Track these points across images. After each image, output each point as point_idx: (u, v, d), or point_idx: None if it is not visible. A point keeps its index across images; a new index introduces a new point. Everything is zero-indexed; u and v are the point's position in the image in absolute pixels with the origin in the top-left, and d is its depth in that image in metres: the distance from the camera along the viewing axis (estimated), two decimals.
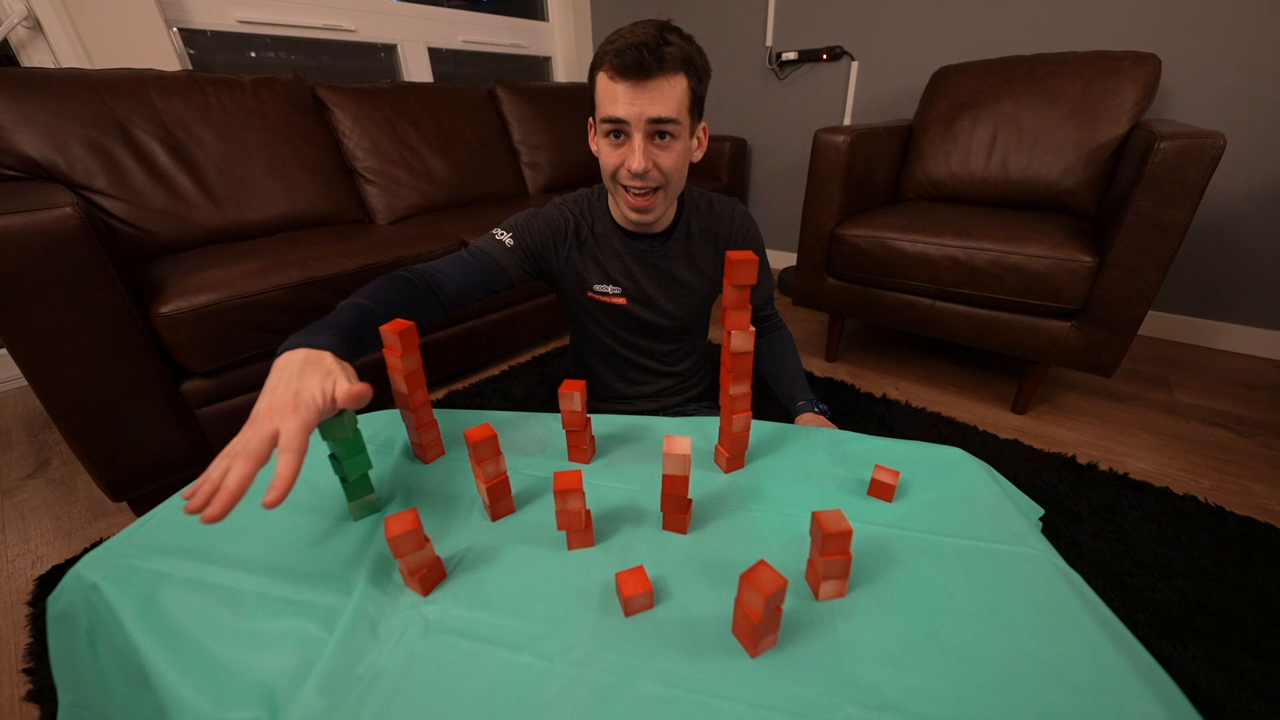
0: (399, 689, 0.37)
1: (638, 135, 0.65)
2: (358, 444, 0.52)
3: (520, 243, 0.80)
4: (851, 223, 1.47)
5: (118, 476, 1.00)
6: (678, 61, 0.63)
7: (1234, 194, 1.58)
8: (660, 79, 0.63)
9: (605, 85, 0.65)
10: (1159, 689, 0.36)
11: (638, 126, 0.65)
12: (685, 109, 0.66)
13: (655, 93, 0.63)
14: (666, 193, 0.72)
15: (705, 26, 2.50)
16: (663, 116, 0.64)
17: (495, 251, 0.79)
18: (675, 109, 0.65)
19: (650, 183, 0.69)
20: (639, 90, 0.63)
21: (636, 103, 0.64)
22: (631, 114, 0.64)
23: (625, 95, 0.64)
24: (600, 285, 0.85)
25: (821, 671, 0.38)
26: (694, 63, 0.65)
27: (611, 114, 0.66)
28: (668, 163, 0.68)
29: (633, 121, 0.65)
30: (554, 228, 0.82)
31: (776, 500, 0.55)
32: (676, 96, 0.64)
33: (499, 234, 0.80)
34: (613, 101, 0.65)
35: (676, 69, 0.64)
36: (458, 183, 1.92)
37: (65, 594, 0.49)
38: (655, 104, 0.64)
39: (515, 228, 0.81)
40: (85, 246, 0.88)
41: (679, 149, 0.69)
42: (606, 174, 0.73)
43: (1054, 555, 0.48)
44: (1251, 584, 0.87)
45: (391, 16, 2.20)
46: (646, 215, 0.73)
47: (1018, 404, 1.39)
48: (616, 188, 0.72)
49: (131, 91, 1.33)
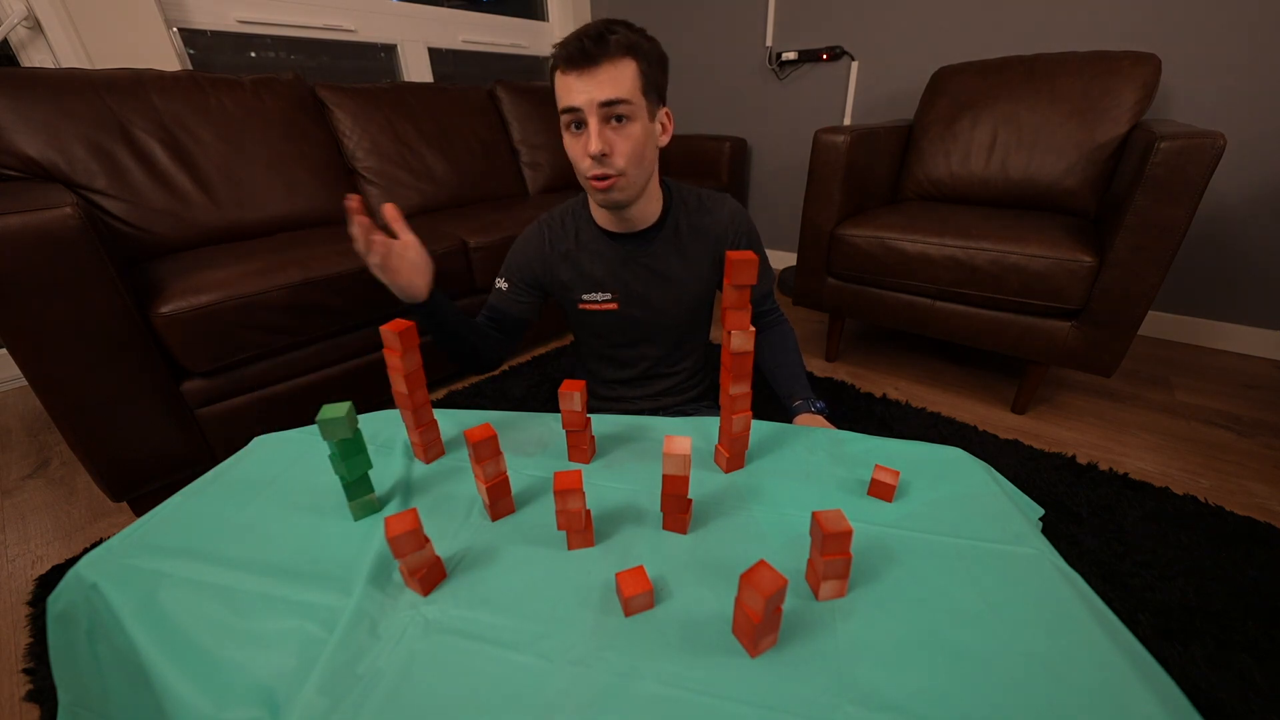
0: (399, 689, 0.37)
1: (593, 119, 0.68)
2: (358, 444, 0.52)
3: (513, 280, 0.87)
4: (851, 223, 1.47)
5: (118, 476, 1.00)
6: (622, 47, 0.66)
7: (1234, 194, 1.58)
8: (607, 64, 0.66)
9: (559, 81, 0.69)
10: (1159, 689, 0.36)
11: (591, 111, 0.67)
12: (638, 90, 0.68)
13: (603, 77, 0.66)
14: (628, 178, 0.73)
15: (705, 26, 2.49)
16: (612, 98, 0.67)
17: (499, 301, 0.88)
18: (626, 90, 0.67)
19: (610, 168, 0.70)
20: (587, 77, 0.66)
21: (586, 89, 0.67)
22: (583, 100, 0.67)
23: (576, 84, 0.67)
24: (589, 294, 0.86)
25: (821, 671, 0.38)
26: (640, 47, 0.68)
27: (566, 104, 0.69)
28: (624, 145, 0.70)
29: (585, 108, 0.67)
30: (535, 248, 0.86)
31: (776, 500, 0.55)
32: (626, 79, 0.67)
33: (498, 281, 0.88)
34: (566, 92, 0.68)
35: (622, 54, 0.67)
36: (458, 183, 1.92)
37: (65, 594, 0.49)
38: (604, 87, 0.66)
39: (506, 269, 0.88)
40: (85, 246, 0.88)
41: (636, 132, 0.70)
42: (576, 170, 0.74)
43: (1054, 555, 0.48)
44: (1251, 584, 0.87)
45: (391, 16, 2.20)
46: (613, 195, 0.74)
47: (1018, 404, 1.39)
48: (585, 181, 0.74)
49: (131, 91, 1.32)
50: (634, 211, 0.79)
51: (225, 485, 0.61)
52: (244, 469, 0.64)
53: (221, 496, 0.59)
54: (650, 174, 0.77)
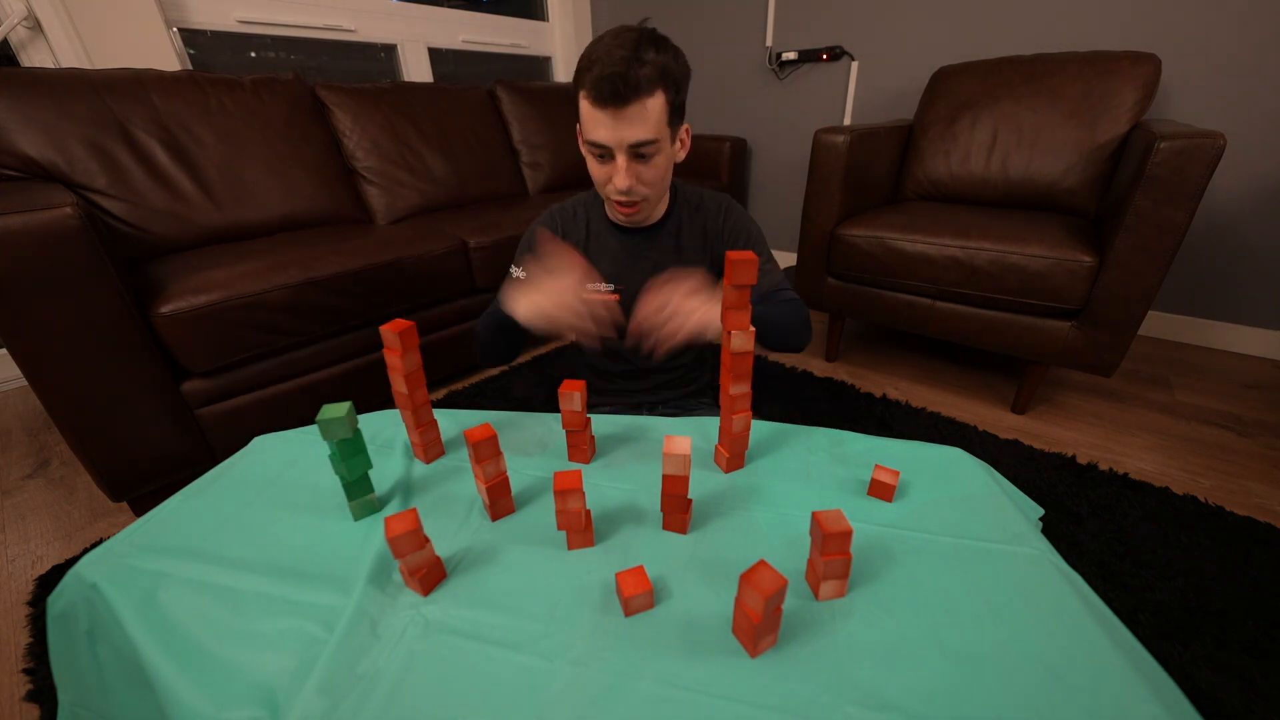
0: (399, 689, 0.37)
1: (620, 157, 0.70)
2: (358, 444, 0.52)
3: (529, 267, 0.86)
4: (851, 223, 1.47)
5: (118, 476, 1.00)
6: (653, 81, 0.66)
7: (1234, 194, 1.58)
8: (636, 104, 0.66)
9: (587, 109, 0.69)
10: (1159, 689, 0.36)
11: (619, 149, 0.69)
12: (664, 124, 0.70)
13: (633, 118, 0.67)
14: (650, 201, 0.77)
15: (705, 26, 2.49)
16: (642, 139, 0.68)
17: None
18: (654, 129, 0.68)
19: (634, 197, 0.74)
20: (618, 117, 0.67)
21: (616, 129, 0.68)
22: (613, 140, 0.68)
23: (605, 122, 0.67)
24: (593, 285, 0.88)
25: (821, 671, 0.38)
26: (670, 74, 0.68)
27: (594, 139, 0.70)
28: (651, 176, 0.73)
29: (614, 146, 0.69)
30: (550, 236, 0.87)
31: (776, 500, 0.55)
32: (654, 116, 0.68)
33: (513, 270, 0.87)
34: (595, 127, 0.69)
35: (653, 89, 0.66)
36: (458, 183, 1.92)
37: (65, 594, 0.49)
38: (634, 129, 0.67)
39: (520, 257, 0.87)
40: (85, 246, 0.88)
41: (660, 162, 0.73)
42: (598, 185, 0.78)
43: (1054, 555, 0.48)
44: (1251, 584, 0.87)
45: (391, 16, 2.20)
46: (635, 217, 0.80)
47: (1018, 404, 1.39)
48: (610, 202, 0.79)
49: (131, 91, 1.32)
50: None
51: (225, 485, 0.61)
52: (244, 469, 0.64)
53: (221, 496, 0.59)
54: (666, 186, 0.81)
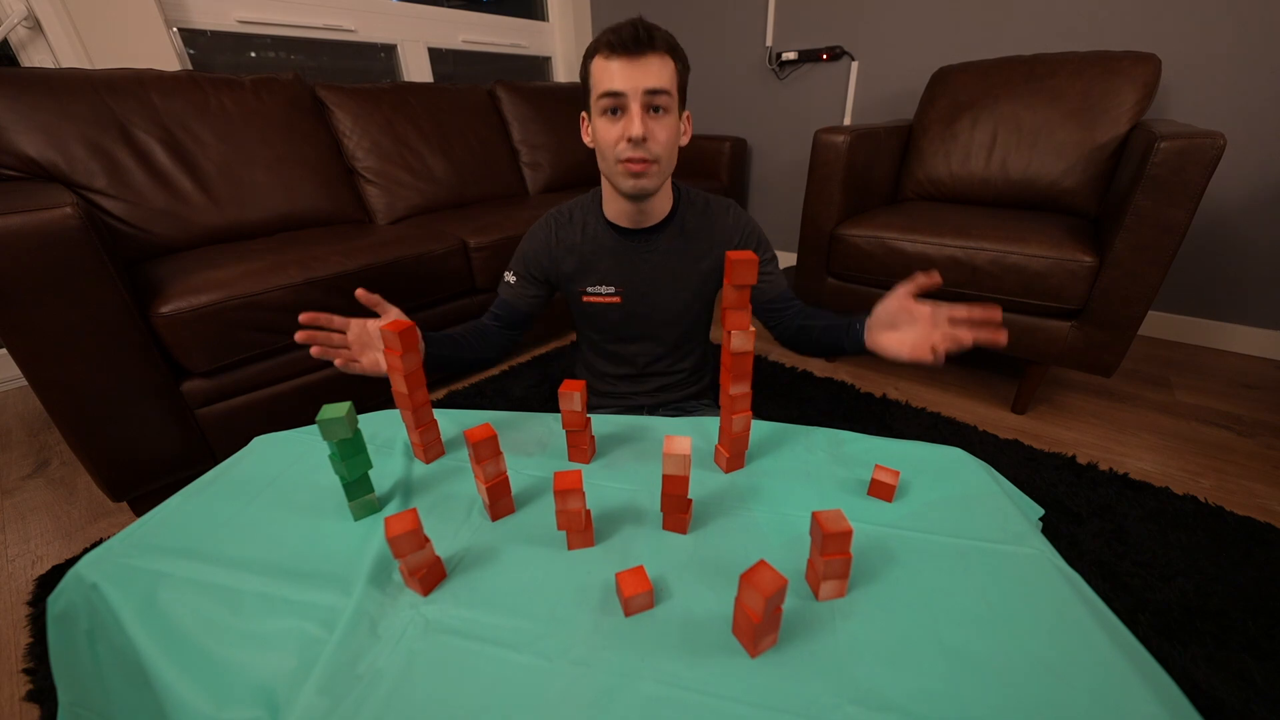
0: (399, 689, 0.37)
1: (635, 105, 0.69)
2: (358, 444, 0.52)
3: (520, 274, 0.88)
4: (851, 223, 1.47)
5: (118, 476, 1.00)
6: (666, 45, 0.70)
7: (1234, 194, 1.58)
8: (652, 55, 0.68)
9: (601, 65, 0.70)
10: (1159, 689, 0.36)
11: (634, 97, 0.69)
12: (675, 86, 0.71)
13: (649, 66, 0.68)
14: (660, 166, 0.74)
15: (705, 26, 2.49)
16: (657, 87, 0.69)
17: (507, 294, 0.89)
18: (668, 81, 0.70)
19: (648, 154, 0.72)
20: (634, 64, 0.68)
21: (633, 76, 0.68)
22: (628, 86, 0.68)
23: (621, 70, 0.68)
24: (594, 287, 0.87)
25: (821, 671, 0.38)
26: (678, 51, 0.72)
27: (609, 88, 0.69)
28: (662, 134, 0.72)
29: (629, 93, 0.69)
30: (541, 241, 0.87)
31: (776, 500, 0.55)
32: (668, 72, 0.70)
33: (506, 274, 0.89)
34: (610, 77, 0.69)
35: (665, 50, 0.69)
36: (458, 183, 1.92)
37: (65, 594, 0.49)
38: (650, 76, 0.68)
39: (514, 262, 0.89)
40: (85, 246, 0.88)
41: (671, 124, 0.73)
42: (605, 153, 0.73)
43: (1054, 555, 0.48)
44: (1251, 584, 0.87)
45: (391, 16, 2.20)
46: (644, 180, 0.73)
47: (1018, 404, 1.39)
48: (615, 166, 0.73)
49: (131, 91, 1.32)
50: (651, 204, 0.81)
51: (225, 485, 0.61)
52: (244, 469, 0.64)
53: (222, 496, 0.59)
54: (672, 167, 0.79)
